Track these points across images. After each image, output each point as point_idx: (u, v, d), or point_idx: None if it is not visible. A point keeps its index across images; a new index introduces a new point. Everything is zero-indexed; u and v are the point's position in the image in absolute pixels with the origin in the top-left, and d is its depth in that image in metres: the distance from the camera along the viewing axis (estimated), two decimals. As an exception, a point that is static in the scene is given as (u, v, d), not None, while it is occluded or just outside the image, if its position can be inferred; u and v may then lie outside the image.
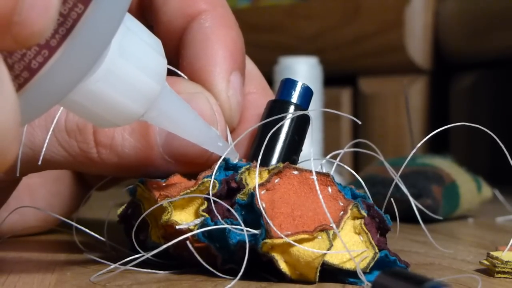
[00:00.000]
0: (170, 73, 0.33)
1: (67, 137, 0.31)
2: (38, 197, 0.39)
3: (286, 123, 0.32)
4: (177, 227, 0.29)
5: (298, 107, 0.33)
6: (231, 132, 0.33)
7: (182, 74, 0.33)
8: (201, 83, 0.32)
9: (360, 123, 0.31)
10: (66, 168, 0.32)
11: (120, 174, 0.32)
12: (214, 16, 0.34)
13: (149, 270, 0.30)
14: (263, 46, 1.13)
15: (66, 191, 0.40)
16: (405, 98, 0.59)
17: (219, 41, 0.33)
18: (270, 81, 0.92)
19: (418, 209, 0.34)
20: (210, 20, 0.34)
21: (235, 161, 0.31)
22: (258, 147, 0.32)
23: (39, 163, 0.31)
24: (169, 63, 0.33)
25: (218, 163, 0.30)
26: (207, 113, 0.31)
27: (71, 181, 0.41)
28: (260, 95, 0.35)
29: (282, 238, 0.27)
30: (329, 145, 0.95)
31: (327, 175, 0.30)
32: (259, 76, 0.36)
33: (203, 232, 0.28)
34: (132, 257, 0.28)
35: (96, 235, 0.33)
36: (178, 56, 0.34)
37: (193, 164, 0.31)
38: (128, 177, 0.37)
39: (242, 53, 0.34)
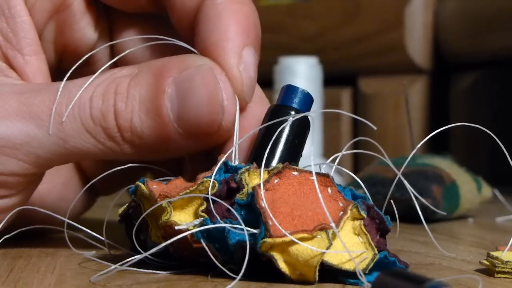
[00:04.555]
0: (183, 50, 0.34)
1: (93, 124, 0.32)
2: (47, 202, 0.39)
3: (287, 127, 0.32)
4: (176, 227, 0.29)
5: (298, 112, 0.33)
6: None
7: (194, 50, 0.34)
8: (213, 58, 0.33)
9: (375, 128, 0.31)
10: (97, 157, 0.33)
11: (146, 156, 0.34)
12: None
13: (149, 270, 0.30)
14: (263, 46, 1.12)
15: (73, 196, 0.40)
16: (405, 98, 0.59)
17: (231, 17, 0.34)
18: (270, 81, 0.92)
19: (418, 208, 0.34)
20: None
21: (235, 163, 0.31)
22: (258, 150, 0.32)
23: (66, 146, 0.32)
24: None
25: (218, 165, 0.30)
26: (210, 82, 0.32)
27: (78, 186, 0.41)
28: (257, 104, 0.35)
29: (281, 237, 0.27)
30: (329, 145, 0.95)
31: (326, 175, 0.30)
32: (256, 86, 0.36)
33: (202, 233, 0.28)
34: (132, 258, 0.28)
35: (96, 235, 0.33)
36: (193, 36, 0.34)
37: (206, 135, 0.32)
38: (153, 161, 0.37)
39: (256, 29, 0.34)
